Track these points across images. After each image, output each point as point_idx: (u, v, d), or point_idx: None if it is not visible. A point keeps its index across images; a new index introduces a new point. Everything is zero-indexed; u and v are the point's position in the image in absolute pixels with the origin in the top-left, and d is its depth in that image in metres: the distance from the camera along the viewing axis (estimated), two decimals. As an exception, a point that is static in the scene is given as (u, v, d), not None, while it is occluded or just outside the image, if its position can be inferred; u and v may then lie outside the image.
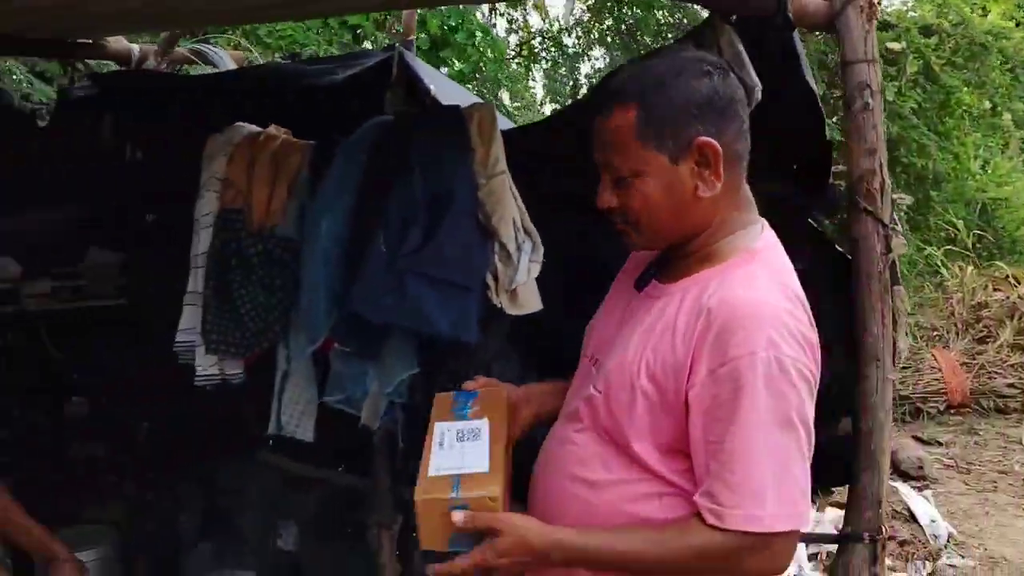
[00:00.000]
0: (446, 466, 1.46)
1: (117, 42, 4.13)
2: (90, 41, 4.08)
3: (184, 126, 3.67)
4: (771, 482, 1.29)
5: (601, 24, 9.66)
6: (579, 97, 10.28)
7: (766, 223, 1.52)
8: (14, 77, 5.10)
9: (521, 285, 2.18)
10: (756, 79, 1.98)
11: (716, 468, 1.32)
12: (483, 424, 1.55)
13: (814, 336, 1.39)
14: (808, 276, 1.52)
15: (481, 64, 6.69)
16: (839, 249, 2.25)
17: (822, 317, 1.47)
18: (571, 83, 10.32)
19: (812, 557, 4.47)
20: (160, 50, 4.05)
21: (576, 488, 1.50)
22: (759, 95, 1.96)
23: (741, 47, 1.96)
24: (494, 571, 1.40)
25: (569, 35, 9.79)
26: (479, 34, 6.68)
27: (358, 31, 6.48)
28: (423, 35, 6.28)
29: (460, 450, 1.50)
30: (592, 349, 1.64)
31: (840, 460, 2.09)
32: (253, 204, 2.50)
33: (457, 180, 2.17)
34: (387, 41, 6.19)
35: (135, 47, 4.16)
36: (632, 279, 1.62)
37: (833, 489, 3.43)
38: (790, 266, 1.47)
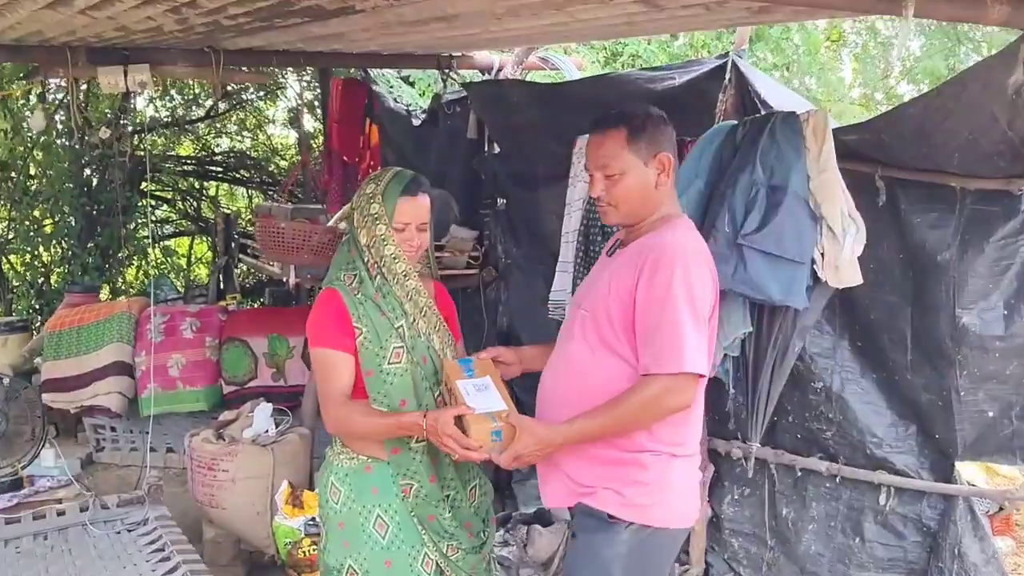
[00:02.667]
0: (482, 407, 2.10)
1: (482, 55, 4.94)
2: (460, 55, 4.91)
3: (538, 125, 4.38)
4: (684, 343, 1.97)
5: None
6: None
7: (684, 215, 2.24)
8: (389, 84, 6.08)
9: (845, 262, 2.60)
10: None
11: (652, 338, 2.02)
12: (487, 380, 2.21)
13: (711, 264, 2.13)
14: None
15: (794, 57, 6.90)
16: None
17: None
18: (882, 66, 10.01)
19: None
20: (517, 60, 4.78)
21: (573, 375, 2.19)
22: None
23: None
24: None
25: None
26: (793, 27, 6.83)
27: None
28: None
29: (484, 397, 2.14)
30: (578, 301, 2.33)
31: None
32: (616, 191, 3.09)
33: (793, 174, 2.63)
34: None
35: (495, 58, 4.94)
36: (606, 254, 2.35)
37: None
38: (700, 239, 2.20)
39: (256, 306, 7.72)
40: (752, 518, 3.74)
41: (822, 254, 2.65)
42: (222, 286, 6.67)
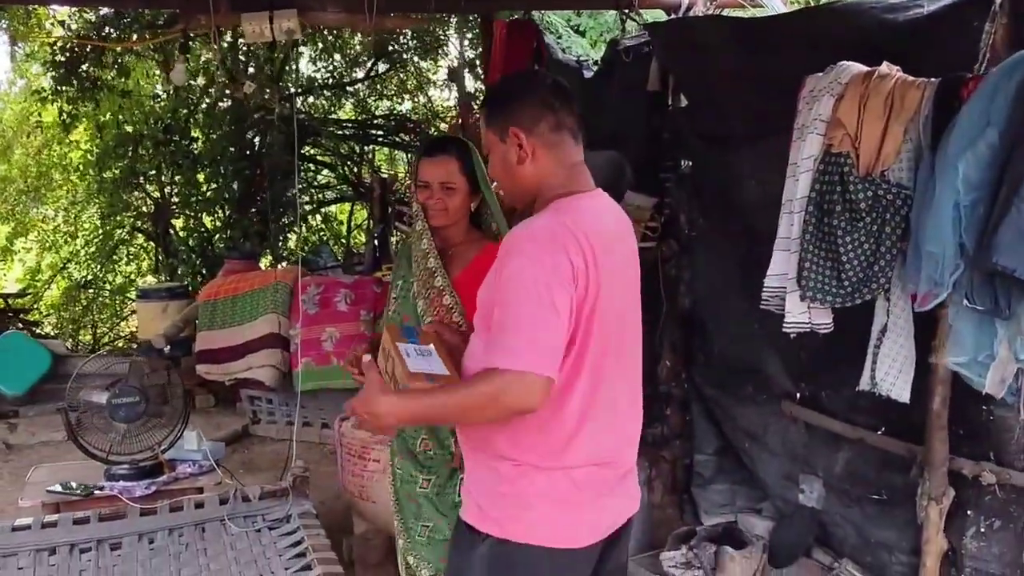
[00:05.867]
0: (418, 367, 1.87)
1: (668, -9, 4.26)
2: (644, -8, 4.25)
3: (737, 72, 3.69)
4: (524, 338, 1.72)
5: None
6: None
7: (597, 194, 1.97)
8: (556, 34, 5.50)
9: None
10: None
11: (493, 334, 1.77)
12: (431, 348, 1.96)
13: (576, 251, 1.78)
14: None
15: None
16: None
17: None
18: None
19: None
20: (711, -4, 4.08)
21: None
22: None
23: None
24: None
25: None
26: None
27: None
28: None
29: (424, 361, 1.90)
30: None
31: None
32: (862, 146, 2.38)
33: None
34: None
35: (684, -5, 4.26)
36: None
37: None
38: (584, 214, 1.87)
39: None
40: (1002, 557, 3.02)
41: None
42: (378, 255, 6.32)
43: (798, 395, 3.71)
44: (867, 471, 3.44)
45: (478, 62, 6.97)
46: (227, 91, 6.85)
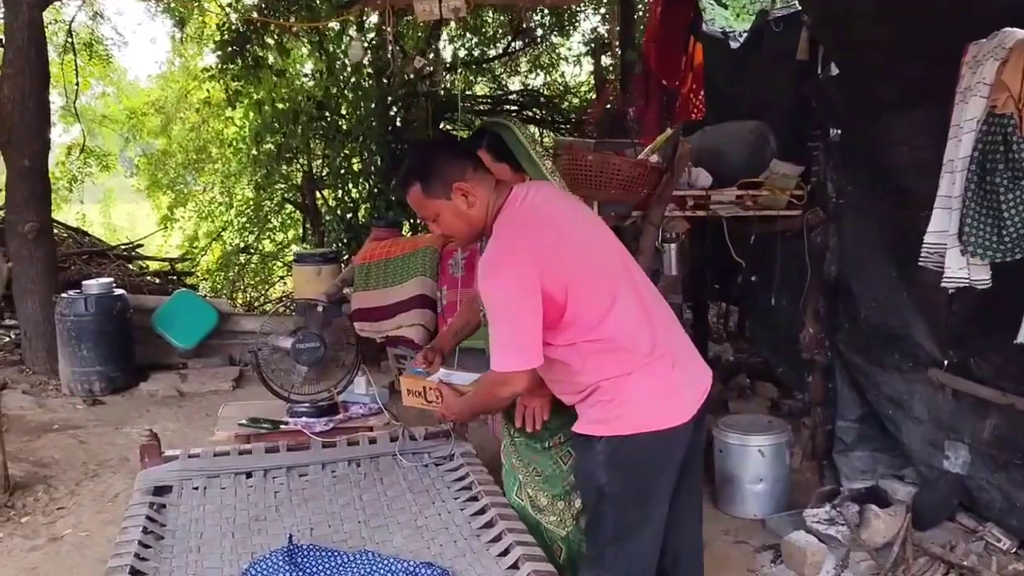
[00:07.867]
0: (460, 381, 2.68)
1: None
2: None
3: (888, 41, 3.73)
4: (506, 346, 2.24)
5: None
6: None
7: (517, 188, 2.41)
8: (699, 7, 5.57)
9: None
10: None
11: (491, 343, 2.27)
12: (444, 370, 2.81)
13: (531, 248, 2.25)
14: None
15: None
16: None
17: None
18: None
19: None
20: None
21: None
22: None
23: None
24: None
25: None
26: None
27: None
28: None
29: (455, 377, 2.72)
30: None
31: None
32: (1025, 108, 2.47)
33: None
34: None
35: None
36: None
37: None
38: (522, 213, 2.35)
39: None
40: None
41: None
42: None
43: (945, 362, 3.75)
44: (1015, 436, 3.46)
45: (611, 38, 7.12)
46: (393, 73, 7.17)
